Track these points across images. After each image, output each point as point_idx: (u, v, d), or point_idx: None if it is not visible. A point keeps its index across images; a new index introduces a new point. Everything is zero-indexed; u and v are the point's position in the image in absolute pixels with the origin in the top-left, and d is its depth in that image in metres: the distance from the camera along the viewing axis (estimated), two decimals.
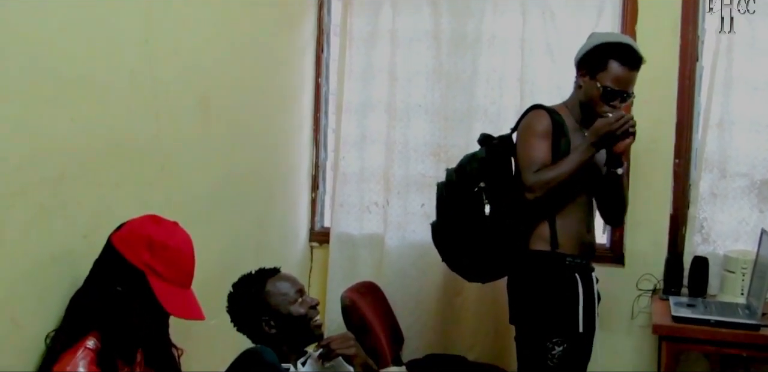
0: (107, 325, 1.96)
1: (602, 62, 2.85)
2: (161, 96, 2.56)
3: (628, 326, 3.69)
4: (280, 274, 2.47)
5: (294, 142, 3.91)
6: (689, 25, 3.54)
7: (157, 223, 2.06)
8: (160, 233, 2.01)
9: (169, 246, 1.99)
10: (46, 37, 2.02)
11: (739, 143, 3.49)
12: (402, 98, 3.82)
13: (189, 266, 2.06)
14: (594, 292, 2.89)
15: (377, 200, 3.92)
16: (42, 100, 2.00)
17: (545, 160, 2.83)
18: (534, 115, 2.94)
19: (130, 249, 1.98)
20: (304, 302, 2.42)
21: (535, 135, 2.87)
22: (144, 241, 1.98)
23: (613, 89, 2.84)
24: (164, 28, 2.56)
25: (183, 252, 2.04)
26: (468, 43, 3.73)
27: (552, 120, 2.89)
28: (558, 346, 2.80)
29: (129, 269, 1.97)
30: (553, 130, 2.88)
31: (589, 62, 2.89)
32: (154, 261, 1.97)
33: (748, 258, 3.34)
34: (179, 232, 2.07)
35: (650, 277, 3.62)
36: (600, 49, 2.87)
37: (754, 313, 3.12)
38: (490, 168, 2.98)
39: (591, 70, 2.87)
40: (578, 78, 2.94)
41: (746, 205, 3.51)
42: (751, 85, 3.44)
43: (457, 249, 3.09)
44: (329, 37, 4.06)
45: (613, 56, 2.84)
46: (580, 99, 2.94)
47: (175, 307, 2.00)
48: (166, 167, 2.61)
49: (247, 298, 2.38)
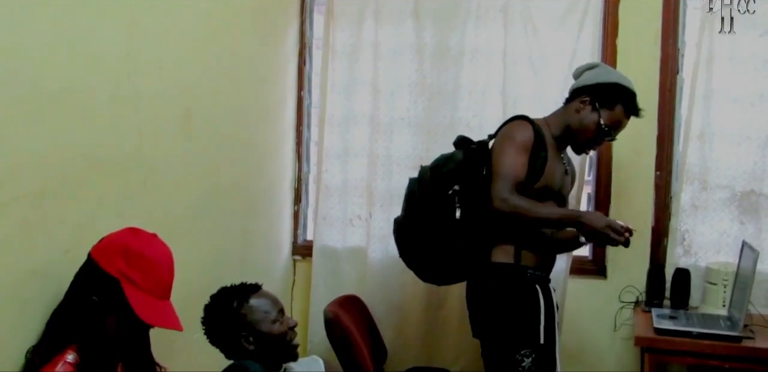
0: (85, 336, 1.94)
1: (612, 102, 2.89)
2: (143, 110, 2.55)
3: (610, 338, 3.70)
4: (262, 291, 2.46)
5: (276, 155, 3.90)
6: (669, 38, 3.57)
7: (135, 235, 2.04)
8: (136, 243, 2.00)
9: (144, 255, 1.97)
10: (27, 50, 2.01)
11: (719, 155, 3.51)
12: (385, 111, 3.82)
13: (166, 277, 2.03)
14: (553, 302, 2.89)
15: (360, 213, 3.91)
16: (22, 113, 1.99)
17: (520, 173, 2.81)
18: (518, 124, 2.91)
19: (106, 257, 1.96)
20: (284, 322, 2.42)
21: (515, 145, 2.83)
22: (120, 249, 1.97)
23: (609, 130, 2.89)
24: (146, 42, 2.55)
25: (160, 262, 2.02)
26: (451, 57, 3.74)
27: (534, 132, 2.87)
28: (527, 357, 2.79)
29: (104, 278, 1.95)
30: (534, 142, 2.86)
31: (600, 96, 2.90)
32: (129, 269, 1.95)
33: (729, 270, 3.35)
34: (157, 243, 2.06)
35: (632, 289, 3.64)
36: (615, 88, 2.91)
37: (735, 325, 3.14)
38: (466, 171, 2.93)
39: (598, 103, 2.89)
40: (577, 103, 2.93)
41: (727, 217, 3.53)
42: (730, 97, 3.47)
43: (418, 248, 3.05)
44: (311, 51, 4.06)
45: (623, 101, 2.89)
46: (571, 123, 2.93)
47: (150, 315, 1.97)
48: (148, 181, 2.60)
49: (228, 313, 2.37)
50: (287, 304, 4.02)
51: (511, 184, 2.76)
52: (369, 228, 3.86)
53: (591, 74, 2.98)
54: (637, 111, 2.94)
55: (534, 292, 2.85)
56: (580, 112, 2.91)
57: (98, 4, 2.30)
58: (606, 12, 3.63)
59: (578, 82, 2.99)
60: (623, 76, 3.01)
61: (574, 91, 2.99)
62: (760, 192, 3.46)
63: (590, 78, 2.96)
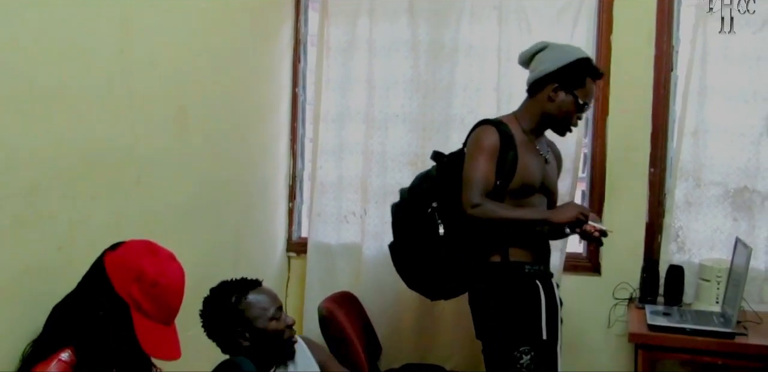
0: (84, 344, 1.94)
1: (581, 79, 2.88)
2: (137, 106, 2.55)
3: (604, 335, 3.71)
4: (262, 287, 2.46)
5: (271, 151, 3.90)
6: (664, 35, 3.57)
7: (153, 255, 2.02)
8: (153, 268, 1.97)
9: (159, 283, 1.96)
10: (20, 47, 2.01)
11: (713, 152, 3.51)
12: (379, 108, 3.82)
13: (175, 303, 2.03)
14: (556, 298, 2.89)
15: (355, 210, 3.91)
16: (16, 110, 1.99)
17: (488, 179, 2.80)
18: (482, 131, 2.90)
19: (120, 278, 1.95)
20: (281, 320, 2.42)
21: (482, 152, 2.83)
22: (135, 273, 1.95)
23: (586, 104, 2.90)
24: (140, 39, 2.55)
25: (172, 290, 2.01)
26: (445, 53, 3.74)
27: (500, 134, 2.86)
28: (526, 354, 2.79)
29: (114, 298, 1.94)
30: (501, 143, 2.85)
31: (568, 79, 2.88)
32: (140, 296, 1.94)
33: (722, 266, 3.36)
34: (173, 267, 2.04)
35: (626, 285, 3.64)
36: (578, 65, 2.89)
37: (728, 322, 3.14)
38: (442, 187, 2.95)
39: (568, 85, 2.88)
40: (548, 92, 2.90)
41: (720, 213, 3.54)
42: (724, 94, 3.47)
43: (414, 269, 3.08)
44: (306, 47, 4.06)
45: (588, 73, 2.89)
46: (550, 111, 2.91)
47: (153, 346, 1.97)
48: (142, 178, 2.60)
49: (226, 307, 2.37)
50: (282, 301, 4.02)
51: (480, 190, 2.77)
52: (364, 225, 3.86)
53: (547, 58, 2.93)
54: (601, 72, 2.95)
55: (534, 287, 2.85)
56: (555, 100, 2.90)
57: (92, 1, 2.30)
58: (600, 9, 3.63)
59: (538, 71, 2.94)
60: (574, 48, 3.01)
61: (538, 80, 2.94)
62: (754, 189, 3.47)
63: (548, 63, 2.92)
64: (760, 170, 3.46)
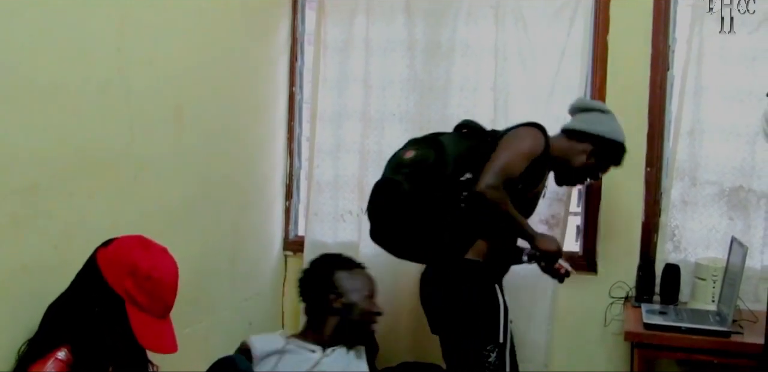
0: (80, 342, 1.94)
1: (613, 159, 3.11)
2: (134, 105, 2.55)
3: (601, 334, 3.71)
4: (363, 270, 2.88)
5: (268, 150, 3.90)
6: (660, 35, 3.57)
7: (145, 249, 2.03)
8: (146, 262, 1.98)
9: (152, 277, 1.97)
10: (18, 46, 2.01)
11: (708, 151, 3.52)
12: (376, 107, 3.83)
13: (170, 297, 2.04)
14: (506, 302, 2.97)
15: (351, 209, 3.92)
16: (13, 109, 2.00)
17: (514, 174, 2.81)
18: (535, 133, 2.96)
19: (113, 273, 1.96)
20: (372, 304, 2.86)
21: (525, 150, 2.87)
22: (128, 268, 1.96)
23: (596, 177, 3.15)
24: (137, 37, 2.56)
25: (166, 283, 2.02)
26: (442, 52, 3.74)
27: (546, 144, 2.95)
28: (492, 352, 2.84)
29: (109, 293, 1.95)
30: (539, 156, 2.90)
31: (605, 151, 3.07)
32: (135, 290, 1.95)
33: (718, 265, 3.37)
34: (166, 261, 2.05)
35: (623, 284, 3.65)
36: (620, 147, 3.10)
37: (724, 320, 3.15)
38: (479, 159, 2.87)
39: (601, 156, 3.07)
40: (584, 145, 3.05)
41: (716, 212, 3.54)
42: (720, 93, 3.47)
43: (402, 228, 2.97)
44: (303, 46, 4.06)
45: (618, 159, 3.12)
46: (573, 161, 3.05)
47: (149, 339, 1.99)
48: (139, 177, 2.61)
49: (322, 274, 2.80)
50: (278, 300, 4.03)
51: (503, 178, 2.77)
52: (360, 223, 3.86)
53: (607, 123, 3.10)
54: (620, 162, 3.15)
55: (494, 290, 2.92)
56: (581, 156, 3.05)
57: (89, 0, 2.30)
58: (597, 8, 3.63)
59: (594, 128, 3.07)
60: (621, 132, 3.13)
61: (585, 133, 3.06)
62: (749, 188, 3.47)
63: (607, 128, 3.08)
64: (755, 170, 3.46)
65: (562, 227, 3.64)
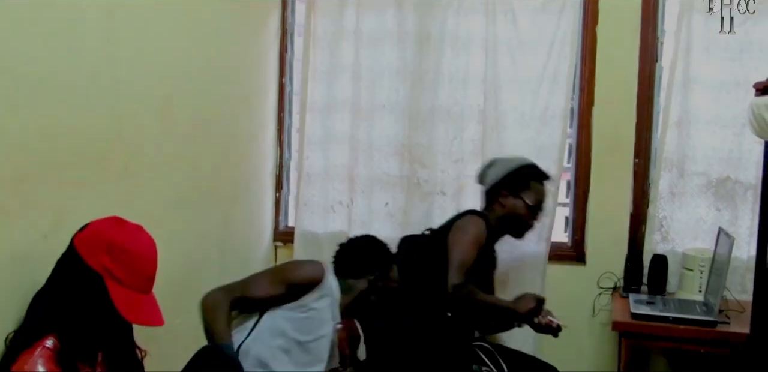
0: (66, 327, 1.94)
1: (525, 183, 3.21)
2: (123, 96, 2.55)
3: (589, 324, 3.74)
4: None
5: (258, 141, 3.91)
6: (649, 27, 3.59)
7: (120, 226, 2.02)
8: (121, 237, 1.98)
9: (128, 250, 1.96)
10: (5, 36, 2.01)
11: (696, 142, 3.54)
12: (366, 98, 3.84)
13: (150, 271, 2.03)
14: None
15: (341, 199, 3.93)
16: (1, 99, 1.99)
17: (470, 263, 2.99)
18: (476, 222, 3.13)
19: (90, 251, 1.95)
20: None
21: (472, 241, 3.05)
22: (104, 244, 1.95)
23: (538, 205, 3.21)
24: (126, 28, 2.55)
25: (144, 256, 2.01)
26: (432, 44, 3.75)
27: (487, 229, 3.12)
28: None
29: (88, 272, 1.94)
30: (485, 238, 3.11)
31: (513, 184, 3.21)
32: (113, 265, 1.94)
33: (705, 256, 3.39)
34: (142, 236, 2.04)
35: (611, 275, 3.67)
36: (520, 171, 3.23)
37: (711, 310, 3.18)
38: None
39: (516, 190, 3.19)
40: (500, 199, 3.21)
41: (703, 203, 3.57)
42: (708, 85, 3.49)
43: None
44: (293, 37, 4.06)
45: (531, 176, 3.23)
46: (506, 216, 3.21)
47: (133, 313, 1.97)
48: (128, 167, 2.61)
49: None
50: None
51: (463, 272, 2.95)
52: (350, 214, 3.88)
53: (494, 171, 3.27)
54: (546, 175, 3.28)
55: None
56: (506, 205, 3.21)
57: None
58: (586, 0, 3.64)
59: (488, 184, 3.28)
60: (517, 158, 3.33)
61: (489, 191, 3.27)
62: (736, 179, 3.50)
63: (496, 175, 3.25)
64: (742, 161, 3.48)
65: (550, 218, 3.65)
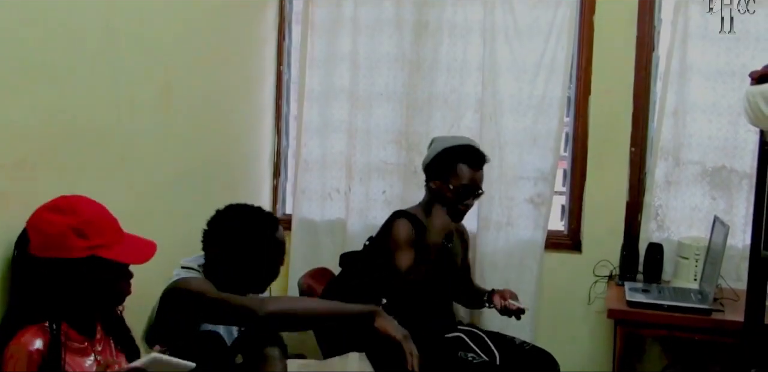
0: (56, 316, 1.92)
1: (450, 166, 3.05)
2: (122, 83, 2.56)
3: (584, 312, 3.76)
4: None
5: (255, 129, 3.92)
6: (645, 16, 3.60)
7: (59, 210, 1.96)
8: (72, 216, 1.94)
9: (91, 220, 1.94)
10: (5, 23, 2.01)
11: (692, 131, 3.55)
12: (364, 86, 3.84)
13: (113, 221, 2.02)
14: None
15: (339, 187, 3.94)
16: (1, 85, 2.00)
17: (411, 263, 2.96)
18: (398, 224, 3.06)
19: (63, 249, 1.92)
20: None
21: (401, 242, 3.01)
22: (68, 234, 1.92)
23: (466, 187, 3.05)
24: (125, 16, 2.55)
25: (102, 215, 2.00)
26: (429, 32, 3.75)
27: (414, 226, 3.03)
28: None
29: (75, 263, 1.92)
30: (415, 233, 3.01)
31: (437, 169, 3.08)
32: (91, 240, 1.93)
33: (701, 244, 3.41)
34: (82, 202, 2.00)
35: (607, 263, 3.69)
36: (444, 155, 3.07)
37: (705, 298, 3.20)
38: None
39: (441, 175, 3.06)
40: (430, 185, 3.11)
41: (699, 192, 3.58)
42: (704, 74, 3.50)
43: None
44: (291, 25, 4.06)
45: (460, 159, 3.06)
46: (434, 200, 3.06)
47: (135, 257, 2.00)
48: (127, 154, 2.62)
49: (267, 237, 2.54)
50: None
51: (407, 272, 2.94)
52: (348, 201, 3.89)
53: (426, 156, 3.16)
54: (479, 161, 3.08)
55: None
56: (433, 189, 3.08)
57: None
58: None
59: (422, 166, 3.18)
60: (452, 138, 3.21)
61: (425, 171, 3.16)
62: (732, 168, 3.51)
63: (425, 160, 3.16)
64: (737, 149, 3.50)
65: (547, 206, 3.67)
